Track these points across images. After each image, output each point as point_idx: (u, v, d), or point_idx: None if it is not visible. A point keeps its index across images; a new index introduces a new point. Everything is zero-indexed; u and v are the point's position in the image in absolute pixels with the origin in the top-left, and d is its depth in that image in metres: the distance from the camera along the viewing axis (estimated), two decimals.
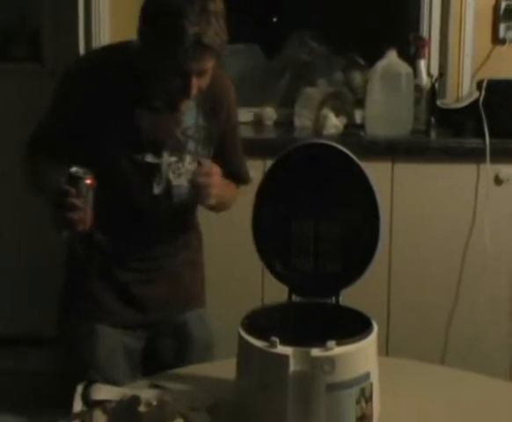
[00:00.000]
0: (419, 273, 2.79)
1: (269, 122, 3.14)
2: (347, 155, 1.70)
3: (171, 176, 1.88)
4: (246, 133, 3.08)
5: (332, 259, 1.72)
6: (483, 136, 2.75)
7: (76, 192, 1.70)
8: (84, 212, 1.73)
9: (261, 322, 1.60)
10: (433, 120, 2.83)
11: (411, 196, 2.71)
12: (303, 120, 2.99)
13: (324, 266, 1.72)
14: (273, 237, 1.73)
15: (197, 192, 1.83)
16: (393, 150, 2.71)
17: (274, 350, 1.45)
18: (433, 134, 2.84)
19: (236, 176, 2.04)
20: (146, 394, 1.61)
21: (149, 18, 1.72)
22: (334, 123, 2.79)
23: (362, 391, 1.49)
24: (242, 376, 1.56)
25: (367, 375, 1.50)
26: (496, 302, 2.81)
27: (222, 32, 1.70)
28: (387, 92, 2.82)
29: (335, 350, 1.45)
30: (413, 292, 2.78)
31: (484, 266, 2.77)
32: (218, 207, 1.96)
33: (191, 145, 1.90)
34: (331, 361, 1.44)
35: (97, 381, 1.67)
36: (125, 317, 1.96)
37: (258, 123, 3.17)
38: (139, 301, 1.97)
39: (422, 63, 2.89)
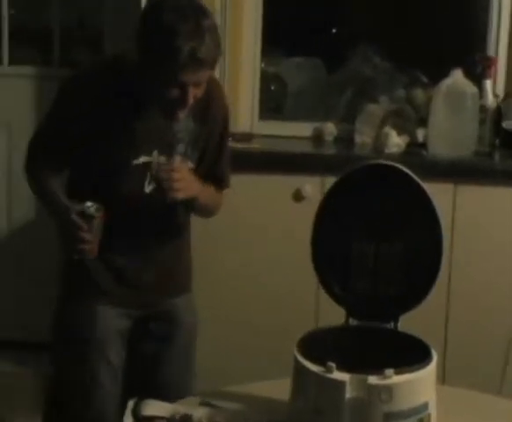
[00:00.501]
0: (478, 300, 2.71)
1: (329, 138, 3.10)
2: (408, 175, 1.66)
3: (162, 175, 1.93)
4: (305, 147, 3.07)
5: (392, 282, 1.68)
6: None
7: (88, 228, 1.84)
8: (93, 244, 1.86)
9: (317, 345, 1.57)
10: (497, 141, 2.76)
11: (473, 219, 2.64)
12: (363, 136, 2.94)
13: (383, 290, 1.68)
14: (332, 257, 1.70)
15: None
16: (456, 171, 2.65)
17: (330, 375, 1.41)
18: (497, 157, 2.76)
19: (219, 180, 2.10)
20: (197, 413, 1.59)
21: (145, 35, 1.80)
22: (396, 142, 2.74)
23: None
24: (296, 399, 1.52)
25: (425, 406, 1.46)
26: None
27: (215, 47, 1.80)
28: (451, 112, 2.75)
29: (393, 378, 1.41)
30: (472, 318, 2.71)
31: None
32: (200, 210, 2.08)
33: (181, 147, 1.97)
34: (388, 390, 1.40)
35: (146, 397, 1.66)
36: (119, 297, 2.02)
37: (317, 138, 3.13)
38: (133, 283, 2.04)
39: (488, 83, 2.82)
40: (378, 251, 1.67)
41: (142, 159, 1.92)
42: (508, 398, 2.06)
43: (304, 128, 3.15)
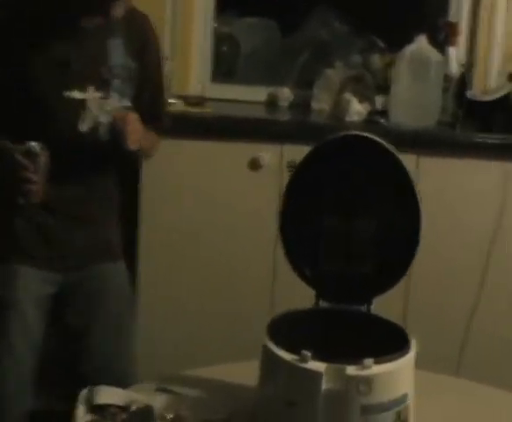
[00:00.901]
0: (440, 274, 2.64)
1: (285, 103, 2.97)
2: (384, 146, 1.53)
3: (97, 112, 1.87)
4: (260, 113, 2.94)
5: (365, 262, 1.57)
6: None
7: (33, 168, 1.75)
8: (39, 185, 1.78)
9: (287, 330, 1.45)
10: (460, 112, 2.66)
11: (436, 191, 2.53)
12: (321, 103, 2.82)
13: (356, 269, 1.57)
14: (301, 235, 1.57)
15: (116, 137, 1.84)
16: (419, 142, 2.54)
17: (305, 365, 1.30)
18: (460, 128, 2.66)
19: (156, 121, 2.06)
20: (157, 402, 1.47)
21: None
22: (357, 109, 2.61)
23: (398, 415, 1.35)
24: (265, 388, 1.40)
25: (404, 397, 1.35)
26: None
27: None
28: (414, 79, 2.64)
29: (373, 369, 1.30)
30: (433, 295, 2.64)
31: (509, 269, 2.63)
32: (138, 156, 2.08)
33: (116, 83, 1.91)
34: (367, 381, 1.29)
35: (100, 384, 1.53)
36: (44, 259, 1.94)
37: (272, 103, 3.00)
38: (59, 245, 1.95)
39: (452, 51, 2.71)
40: (351, 228, 1.56)
41: (77, 94, 1.84)
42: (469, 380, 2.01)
43: (258, 93, 3.02)
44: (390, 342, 1.43)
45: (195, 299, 2.66)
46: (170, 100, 2.52)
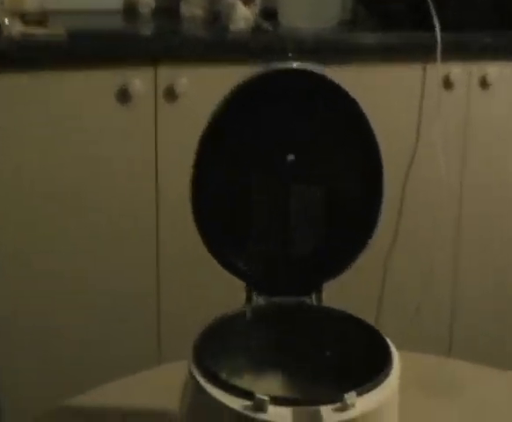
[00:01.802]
0: None
1: (146, 10, 2.49)
2: (333, 83, 1.13)
3: None
4: (116, 23, 2.45)
5: (310, 239, 1.17)
6: (429, 29, 2.19)
7: None
8: None
9: (220, 348, 1.06)
10: (362, 8, 2.26)
11: None
12: (192, 7, 2.36)
13: (298, 250, 1.18)
14: (222, 207, 1.16)
15: None
16: (321, 49, 2.12)
17: (263, 417, 0.91)
18: (366, 27, 2.27)
19: None
20: None
21: None
22: (244, 14, 2.16)
23: None
24: None
25: None
26: (441, 226, 2.37)
27: None
28: None
29: (357, 407, 0.92)
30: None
31: (430, 182, 2.31)
32: None
33: None
34: None
35: None
36: None
37: (131, 12, 2.51)
38: None
39: None
40: (289, 196, 1.16)
41: None
42: None
43: None
44: (355, 345, 1.08)
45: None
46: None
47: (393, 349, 1.03)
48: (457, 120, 2.33)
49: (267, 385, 1.07)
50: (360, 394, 0.93)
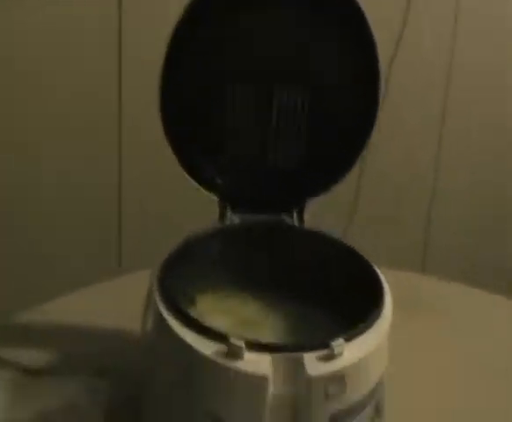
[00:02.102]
0: None
1: None
2: None
3: None
4: None
5: (292, 151, 1.04)
6: None
7: None
8: None
9: (187, 274, 0.93)
10: None
11: None
12: None
13: (279, 163, 1.04)
14: (193, 112, 1.01)
15: None
16: None
17: (237, 365, 0.78)
18: None
19: None
20: None
21: None
22: None
23: (377, 407, 0.88)
24: (162, 375, 0.88)
25: (382, 383, 0.88)
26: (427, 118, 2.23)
27: None
28: None
29: (345, 355, 0.81)
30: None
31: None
32: None
33: None
34: (340, 378, 0.80)
35: None
36: None
37: None
38: None
39: None
40: (271, 100, 1.01)
41: None
42: None
43: None
44: (339, 273, 0.97)
45: None
46: None
47: (385, 284, 0.92)
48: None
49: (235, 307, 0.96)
50: (348, 339, 0.81)
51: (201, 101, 1.00)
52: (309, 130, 1.01)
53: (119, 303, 1.18)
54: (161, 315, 0.83)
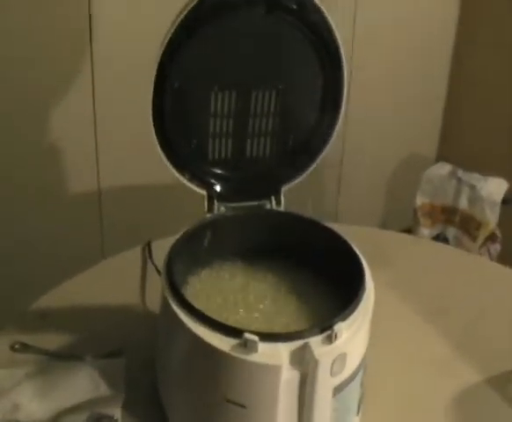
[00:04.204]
0: None
1: None
2: None
3: None
4: None
5: (266, 145, 1.14)
6: None
7: None
8: None
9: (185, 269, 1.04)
10: None
11: None
12: None
13: (256, 156, 1.14)
14: (177, 111, 1.08)
15: None
16: None
17: (253, 358, 0.89)
18: None
19: None
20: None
21: None
22: None
23: (365, 368, 1.01)
24: (182, 376, 0.99)
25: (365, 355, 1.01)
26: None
27: None
28: None
29: (344, 335, 0.93)
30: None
31: None
32: None
33: None
34: (342, 357, 0.93)
35: None
36: None
37: None
38: None
39: None
40: (249, 95, 1.10)
41: None
42: None
43: None
44: (315, 246, 1.10)
45: None
46: None
47: (364, 261, 1.04)
48: None
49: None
50: (343, 319, 0.93)
51: (186, 104, 1.08)
52: (281, 126, 1.11)
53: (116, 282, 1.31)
54: (177, 316, 0.93)
